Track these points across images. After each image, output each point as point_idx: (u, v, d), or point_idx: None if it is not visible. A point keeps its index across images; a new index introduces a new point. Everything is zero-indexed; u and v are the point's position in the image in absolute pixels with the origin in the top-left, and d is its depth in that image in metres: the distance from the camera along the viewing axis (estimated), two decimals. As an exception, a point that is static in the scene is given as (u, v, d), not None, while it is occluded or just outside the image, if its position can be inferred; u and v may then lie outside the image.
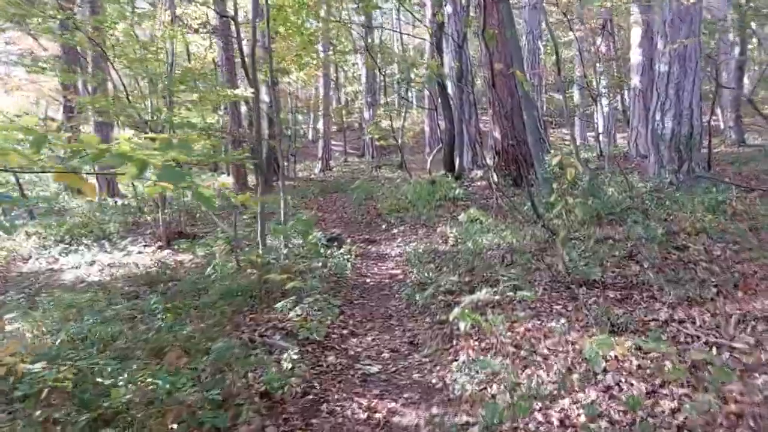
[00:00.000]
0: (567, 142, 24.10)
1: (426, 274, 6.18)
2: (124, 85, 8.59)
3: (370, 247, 8.30)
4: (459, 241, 7.69)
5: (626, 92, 17.81)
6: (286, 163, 19.98)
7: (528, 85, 8.29)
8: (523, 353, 4.00)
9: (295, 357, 4.09)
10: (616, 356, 3.73)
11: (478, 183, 13.22)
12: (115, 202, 14.24)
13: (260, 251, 7.16)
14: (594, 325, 4.32)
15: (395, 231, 9.05)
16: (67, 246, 9.93)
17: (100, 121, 14.76)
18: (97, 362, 3.47)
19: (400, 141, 18.16)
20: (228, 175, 18.08)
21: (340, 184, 16.71)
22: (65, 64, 14.89)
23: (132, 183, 16.95)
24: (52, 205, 13.81)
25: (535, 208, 7.02)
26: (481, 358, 4.01)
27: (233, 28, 17.06)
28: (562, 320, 4.40)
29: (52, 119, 20.02)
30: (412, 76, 27.85)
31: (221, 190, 11.12)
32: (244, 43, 16.41)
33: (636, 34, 14.40)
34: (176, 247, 9.22)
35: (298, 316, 4.79)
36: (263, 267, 6.69)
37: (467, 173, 15.07)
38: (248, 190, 17.21)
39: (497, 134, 11.36)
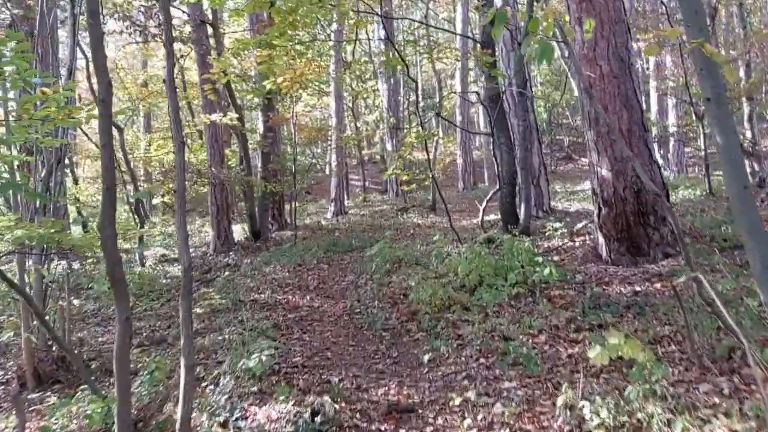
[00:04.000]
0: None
1: None
2: None
3: (401, 434, 3.74)
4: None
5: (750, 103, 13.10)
6: (290, 206, 15.52)
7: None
8: None
9: None
10: None
11: (559, 243, 8.66)
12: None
13: None
14: None
15: (451, 378, 4.48)
16: None
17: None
18: None
19: (431, 175, 13.67)
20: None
21: (355, 237, 12.26)
22: None
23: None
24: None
25: None
26: None
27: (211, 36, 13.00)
28: None
29: None
30: (444, 94, 23.60)
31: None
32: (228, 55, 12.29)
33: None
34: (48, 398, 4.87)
35: None
36: None
37: (533, 223, 10.51)
38: (233, 248, 12.86)
39: (605, 171, 6.83)
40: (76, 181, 18.87)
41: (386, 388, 4.41)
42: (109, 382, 5.22)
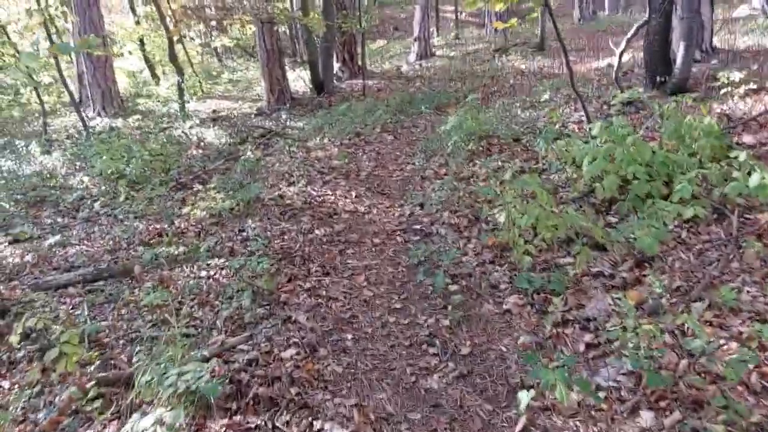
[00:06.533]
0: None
1: None
2: None
3: None
4: None
5: None
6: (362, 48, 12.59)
7: None
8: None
9: None
10: None
11: (744, 108, 5.47)
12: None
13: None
14: None
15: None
16: None
17: None
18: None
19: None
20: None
21: (435, 92, 9.45)
22: None
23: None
24: None
25: None
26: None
27: None
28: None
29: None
30: None
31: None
32: None
33: None
34: None
35: None
36: None
37: (689, 72, 7.08)
38: (288, 104, 10.50)
39: None
40: (137, 22, 16.76)
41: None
42: None
